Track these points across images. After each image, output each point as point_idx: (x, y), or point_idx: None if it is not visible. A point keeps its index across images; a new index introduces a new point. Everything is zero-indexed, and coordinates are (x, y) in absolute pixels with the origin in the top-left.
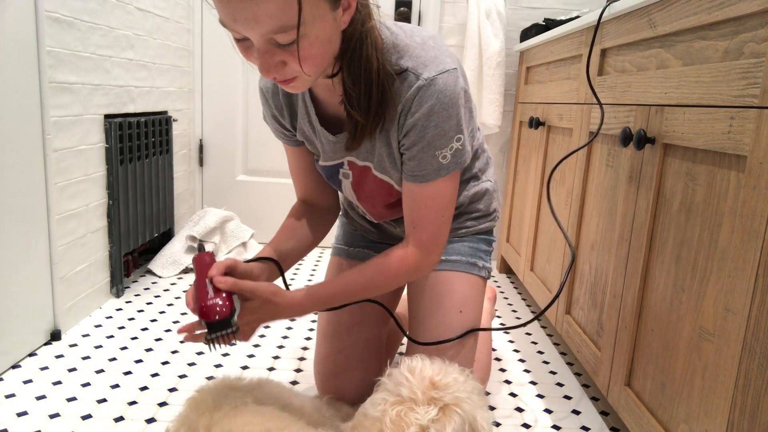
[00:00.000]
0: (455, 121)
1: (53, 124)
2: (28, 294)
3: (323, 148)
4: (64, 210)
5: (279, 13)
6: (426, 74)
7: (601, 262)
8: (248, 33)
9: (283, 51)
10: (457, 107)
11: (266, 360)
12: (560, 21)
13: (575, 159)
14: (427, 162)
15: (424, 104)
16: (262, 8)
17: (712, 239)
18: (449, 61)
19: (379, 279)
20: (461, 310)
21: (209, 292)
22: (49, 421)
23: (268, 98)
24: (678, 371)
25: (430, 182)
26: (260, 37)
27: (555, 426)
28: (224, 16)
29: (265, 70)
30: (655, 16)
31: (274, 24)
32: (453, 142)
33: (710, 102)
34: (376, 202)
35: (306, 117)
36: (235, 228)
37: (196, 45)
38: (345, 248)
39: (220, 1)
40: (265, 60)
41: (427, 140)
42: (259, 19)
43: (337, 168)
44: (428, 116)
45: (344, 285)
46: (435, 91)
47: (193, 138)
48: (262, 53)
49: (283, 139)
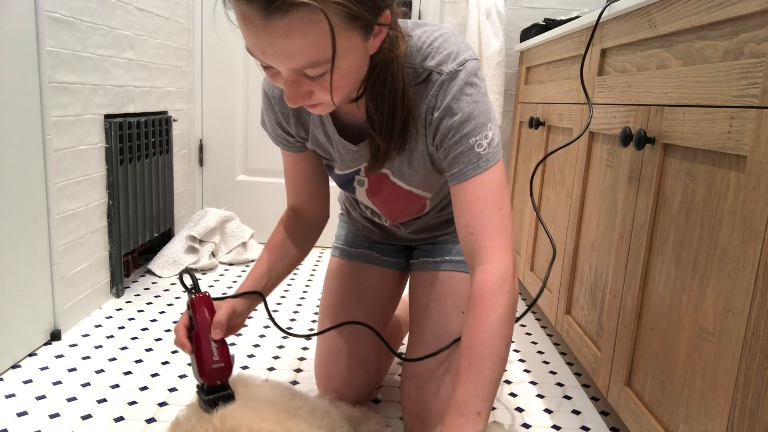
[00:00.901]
0: (483, 106)
1: (53, 124)
2: (28, 294)
3: (341, 158)
4: (64, 210)
5: (311, 49)
6: (447, 68)
7: (601, 262)
8: (277, 66)
9: (312, 82)
10: (481, 93)
11: (266, 360)
12: (560, 21)
13: (575, 159)
14: (465, 155)
15: (449, 94)
16: (293, 45)
17: (712, 239)
18: (470, 52)
19: (479, 319)
20: (464, 310)
21: (213, 353)
22: (49, 421)
23: (274, 104)
24: (678, 371)
25: (474, 177)
26: (289, 70)
27: (555, 426)
28: (253, 48)
29: (292, 99)
30: (655, 16)
31: (305, 60)
32: (486, 130)
33: (710, 102)
34: (394, 206)
35: (320, 127)
36: (235, 228)
37: (196, 45)
38: (347, 249)
39: (249, 34)
40: (293, 90)
41: (458, 129)
42: (290, 56)
43: (352, 175)
44: (454, 105)
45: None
46: (458, 80)
47: (193, 138)
48: (290, 83)
49: (283, 146)
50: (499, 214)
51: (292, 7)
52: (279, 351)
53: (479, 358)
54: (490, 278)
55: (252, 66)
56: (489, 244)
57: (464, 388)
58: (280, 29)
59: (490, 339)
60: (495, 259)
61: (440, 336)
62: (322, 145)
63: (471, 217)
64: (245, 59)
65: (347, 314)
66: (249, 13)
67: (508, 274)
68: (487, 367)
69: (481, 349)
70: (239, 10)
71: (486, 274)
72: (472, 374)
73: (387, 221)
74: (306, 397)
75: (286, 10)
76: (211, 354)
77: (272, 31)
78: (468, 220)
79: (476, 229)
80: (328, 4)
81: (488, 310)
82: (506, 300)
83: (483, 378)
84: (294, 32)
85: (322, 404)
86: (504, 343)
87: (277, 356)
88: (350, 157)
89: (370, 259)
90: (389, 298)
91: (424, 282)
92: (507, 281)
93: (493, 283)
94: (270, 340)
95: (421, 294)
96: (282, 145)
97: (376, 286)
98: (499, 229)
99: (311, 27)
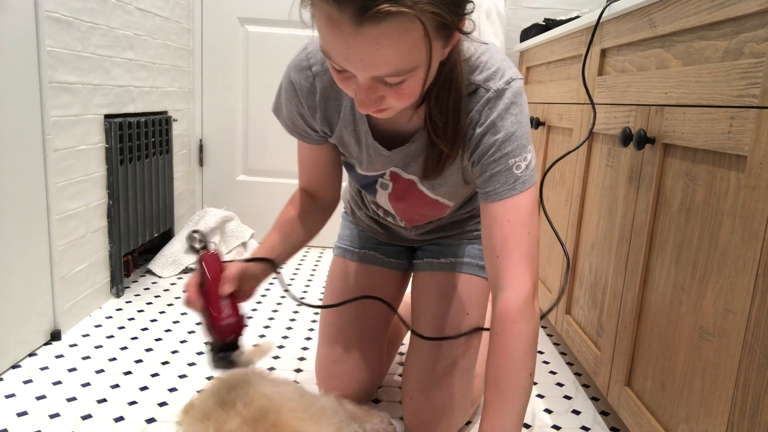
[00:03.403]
0: (525, 128)
1: (53, 124)
2: (28, 294)
3: (369, 160)
4: (64, 210)
5: (399, 58)
6: (494, 85)
7: (601, 262)
8: (358, 73)
9: (387, 88)
10: (525, 114)
11: (266, 360)
12: (560, 21)
13: (575, 159)
14: (502, 174)
15: (494, 111)
16: (382, 53)
17: (712, 239)
18: (514, 70)
19: (501, 350)
20: (468, 312)
21: (223, 308)
22: (49, 421)
23: (301, 96)
24: (678, 371)
25: (508, 198)
26: (369, 78)
27: (555, 426)
28: (334, 52)
29: (365, 105)
30: (655, 16)
31: (391, 69)
32: (526, 152)
33: (710, 102)
34: (415, 211)
35: (351, 126)
36: (235, 228)
37: (196, 45)
38: (351, 249)
39: (334, 39)
40: (367, 96)
41: (499, 147)
42: (377, 64)
43: (376, 178)
44: (498, 123)
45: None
46: (504, 99)
47: (193, 138)
48: (365, 89)
49: (300, 137)
50: (527, 239)
51: (389, 15)
52: (279, 351)
53: (504, 390)
54: (512, 306)
55: (252, 66)
56: (514, 270)
57: (491, 421)
58: (371, 37)
59: (514, 370)
60: (518, 286)
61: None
62: (347, 145)
63: (499, 240)
64: (245, 59)
65: (350, 316)
66: (338, 18)
67: (530, 300)
68: (512, 398)
69: (505, 381)
70: (325, 12)
71: (508, 302)
72: (498, 406)
73: (403, 223)
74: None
75: (382, 18)
76: (221, 309)
77: (363, 38)
78: (496, 243)
79: (503, 253)
80: (425, 13)
81: (510, 339)
82: (528, 328)
83: (509, 410)
84: (386, 40)
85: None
86: (527, 372)
87: (277, 356)
88: (380, 161)
89: (375, 260)
90: (392, 300)
91: (429, 283)
92: (528, 308)
93: (515, 312)
94: (270, 340)
95: (425, 295)
96: (299, 136)
97: (379, 288)
98: (526, 255)
99: (404, 35)
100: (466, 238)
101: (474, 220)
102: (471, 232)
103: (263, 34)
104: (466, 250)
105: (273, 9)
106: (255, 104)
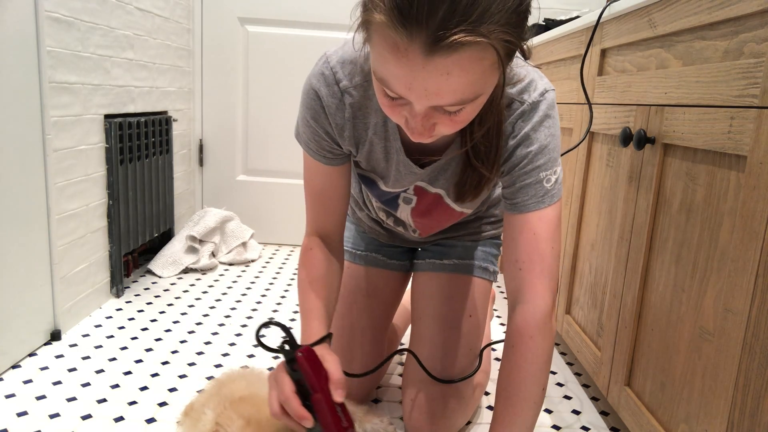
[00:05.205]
0: (557, 141)
1: (53, 124)
2: (28, 294)
3: (397, 177)
4: (64, 210)
5: (466, 88)
6: (529, 98)
7: (601, 262)
8: (417, 102)
9: (442, 115)
10: (558, 127)
11: (266, 360)
12: (560, 21)
13: (575, 159)
14: (531, 187)
15: (528, 124)
16: (451, 83)
17: (712, 239)
18: (546, 81)
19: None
20: (471, 314)
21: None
22: (49, 421)
23: (329, 113)
24: (678, 371)
25: (536, 211)
26: (428, 107)
27: (555, 426)
28: (395, 81)
29: (419, 133)
30: (655, 16)
31: (456, 99)
32: (556, 165)
33: (710, 102)
34: (434, 223)
35: (382, 144)
36: (235, 228)
37: (196, 45)
38: (352, 251)
39: (400, 68)
40: (422, 124)
41: (532, 160)
42: (443, 93)
43: (398, 193)
44: (532, 134)
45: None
46: (539, 111)
47: (193, 138)
48: (422, 118)
49: (325, 159)
50: (550, 254)
51: (463, 45)
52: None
53: (514, 403)
54: (530, 320)
55: (252, 66)
56: (534, 283)
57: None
58: (442, 67)
59: (526, 384)
60: (537, 300)
61: (448, 338)
62: (375, 161)
63: (523, 252)
64: (245, 59)
65: (351, 318)
66: (407, 46)
67: (549, 316)
68: (522, 412)
69: (517, 394)
70: (391, 40)
71: (526, 315)
72: (508, 418)
73: (417, 232)
74: None
75: (456, 48)
76: (340, 420)
77: (432, 68)
78: (519, 255)
79: (525, 266)
80: (499, 42)
81: (525, 354)
82: (545, 344)
83: (518, 422)
84: (457, 70)
85: None
86: (540, 387)
87: (277, 356)
88: (409, 178)
89: (376, 262)
90: (393, 301)
91: (432, 284)
92: (547, 324)
93: (533, 326)
94: (270, 340)
95: (427, 296)
96: (324, 158)
97: (381, 290)
98: (548, 269)
99: (476, 65)
100: (470, 240)
101: (480, 222)
102: (476, 233)
103: (263, 34)
104: (471, 252)
105: (273, 9)
106: (255, 104)
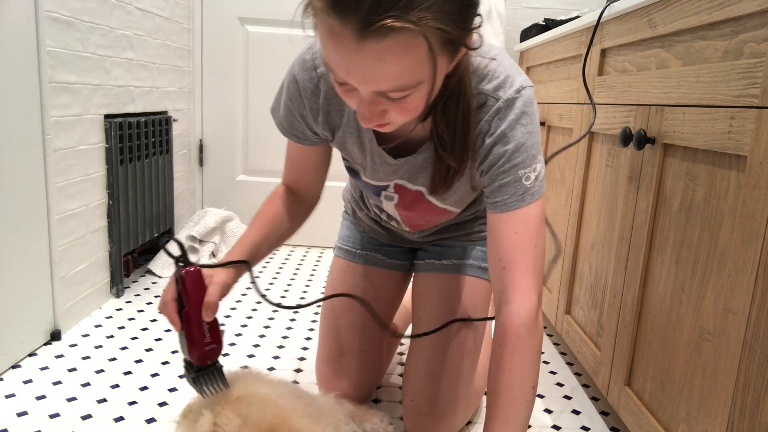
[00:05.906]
0: (535, 138)
1: (53, 124)
2: (28, 294)
3: (373, 167)
4: (64, 210)
5: (402, 74)
6: (504, 95)
7: (601, 262)
8: (360, 87)
9: (390, 102)
10: (536, 124)
11: (266, 360)
12: (560, 21)
13: (575, 159)
14: (511, 185)
15: (504, 122)
16: (385, 68)
17: (712, 239)
18: (524, 78)
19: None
20: (471, 315)
21: (206, 334)
22: (49, 421)
23: (305, 97)
24: (678, 371)
25: (516, 210)
26: (371, 92)
27: (555, 426)
28: (336, 66)
29: (367, 119)
30: (655, 16)
31: (394, 84)
32: (535, 162)
33: (710, 102)
34: (422, 219)
35: (355, 132)
36: (235, 228)
37: (196, 45)
38: (352, 250)
39: (336, 52)
40: (369, 110)
41: (509, 158)
42: (379, 79)
43: (380, 189)
44: (509, 133)
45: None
46: (515, 108)
47: (193, 138)
48: (367, 103)
49: (296, 138)
50: (533, 252)
51: (392, 30)
52: (279, 351)
53: (506, 403)
54: (516, 320)
55: (252, 66)
56: (519, 282)
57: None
58: (374, 52)
59: (517, 383)
60: (523, 299)
61: (448, 338)
62: (349, 150)
63: (506, 252)
64: (245, 59)
65: (351, 317)
66: (340, 31)
67: (535, 315)
68: (514, 411)
69: (507, 393)
70: (327, 24)
71: (513, 315)
72: (501, 418)
73: (407, 228)
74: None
75: (386, 34)
76: (203, 335)
77: (365, 53)
78: (502, 255)
79: (509, 265)
80: (430, 29)
81: (513, 353)
82: (533, 342)
83: (510, 422)
84: (389, 56)
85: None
86: (530, 385)
87: (277, 356)
88: (385, 169)
89: (376, 261)
90: (393, 301)
91: (432, 284)
92: (533, 323)
93: (520, 325)
94: (270, 340)
95: (427, 296)
96: (295, 138)
97: (381, 289)
98: (532, 267)
99: (408, 51)
100: (470, 240)
101: (478, 222)
102: (475, 233)
103: (263, 34)
104: (469, 252)
105: (273, 9)
106: (255, 104)
